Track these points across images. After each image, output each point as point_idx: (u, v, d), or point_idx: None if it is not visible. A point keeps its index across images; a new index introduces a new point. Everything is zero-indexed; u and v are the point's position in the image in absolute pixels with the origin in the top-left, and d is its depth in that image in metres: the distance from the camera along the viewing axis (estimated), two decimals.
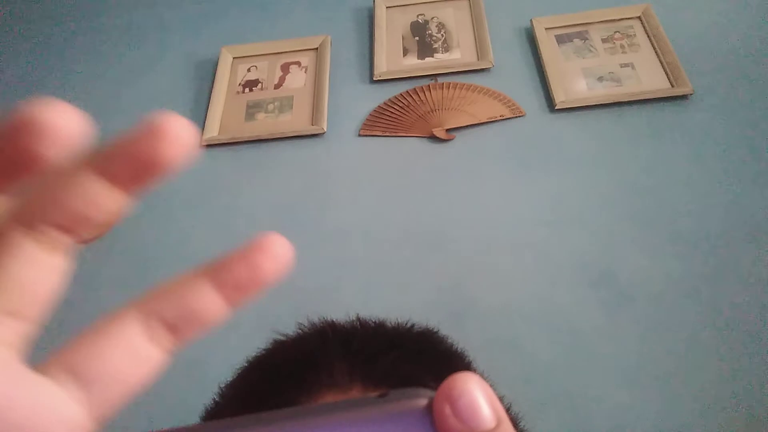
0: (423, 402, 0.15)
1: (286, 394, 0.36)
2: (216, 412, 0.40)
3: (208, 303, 0.16)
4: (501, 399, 0.42)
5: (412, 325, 0.43)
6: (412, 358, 0.38)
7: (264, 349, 0.42)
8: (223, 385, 0.41)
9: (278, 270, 0.17)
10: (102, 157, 0.15)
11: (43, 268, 0.15)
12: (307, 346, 0.40)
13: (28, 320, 0.15)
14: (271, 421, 0.16)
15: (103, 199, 0.15)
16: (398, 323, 0.42)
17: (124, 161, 0.15)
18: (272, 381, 0.38)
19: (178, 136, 0.15)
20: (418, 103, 1.29)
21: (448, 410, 0.14)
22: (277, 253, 0.17)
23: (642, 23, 1.34)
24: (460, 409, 0.14)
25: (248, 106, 1.36)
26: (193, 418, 0.42)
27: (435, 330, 0.44)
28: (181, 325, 0.16)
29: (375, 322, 0.42)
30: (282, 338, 0.42)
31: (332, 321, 0.42)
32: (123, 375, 0.15)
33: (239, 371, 0.41)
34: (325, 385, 0.36)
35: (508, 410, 0.40)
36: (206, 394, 0.43)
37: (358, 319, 0.42)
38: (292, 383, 0.36)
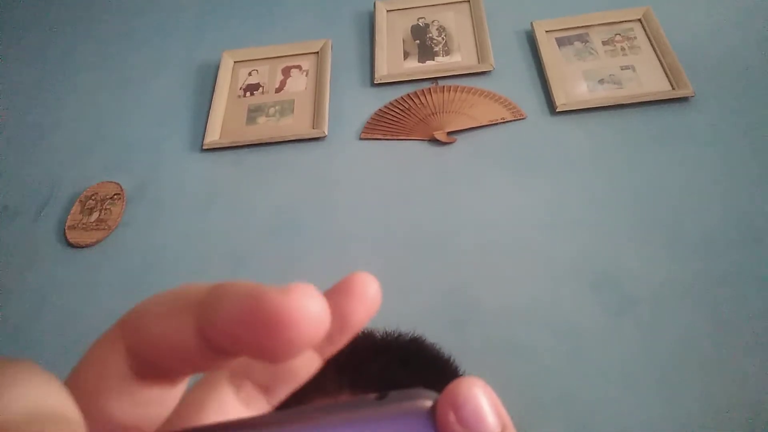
0: (422, 404, 0.15)
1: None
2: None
3: (300, 360, 0.15)
4: None
5: (400, 333, 0.43)
6: (398, 364, 0.39)
7: None
8: None
9: (369, 316, 0.15)
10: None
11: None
12: None
13: None
14: (266, 424, 0.15)
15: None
16: (386, 332, 0.43)
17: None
18: None
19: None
20: (419, 106, 1.29)
21: (452, 417, 0.14)
22: (368, 297, 0.15)
23: (642, 26, 1.34)
24: (465, 417, 0.14)
25: (249, 110, 1.36)
26: None
27: (422, 337, 0.44)
28: (274, 385, 0.16)
29: (363, 331, 0.42)
30: None
31: None
32: None
33: None
34: (315, 393, 0.36)
35: None
36: None
37: None
38: None
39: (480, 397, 0.14)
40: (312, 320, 0.12)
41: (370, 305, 0.15)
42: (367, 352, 0.39)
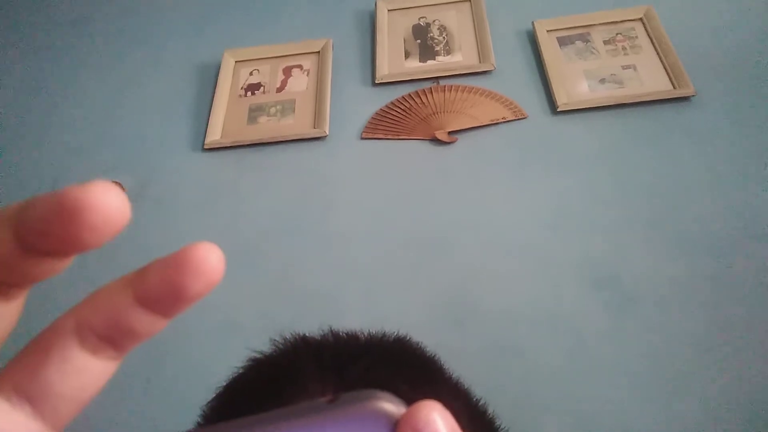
0: (376, 407, 0.15)
1: (264, 409, 0.36)
2: None
3: (136, 318, 0.16)
4: (478, 402, 0.43)
5: (384, 334, 0.43)
6: (382, 365, 0.39)
7: (240, 368, 0.42)
8: (205, 407, 0.42)
9: (205, 287, 0.15)
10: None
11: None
12: (280, 361, 0.41)
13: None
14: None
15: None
16: (370, 333, 0.43)
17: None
18: (250, 398, 0.39)
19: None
20: (420, 105, 1.29)
21: None
22: (203, 269, 0.15)
23: (644, 25, 1.34)
24: None
25: (250, 110, 1.36)
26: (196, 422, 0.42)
27: (406, 337, 0.44)
28: (115, 337, 0.16)
29: (347, 334, 0.43)
30: (257, 355, 0.42)
31: (304, 335, 0.43)
32: (67, 390, 0.15)
33: (218, 391, 0.42)
34: (300, 398, 0.36)
35: (485, 413, 0.42)
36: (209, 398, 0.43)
37: (331, 331, 0.43)
38: (269, 398, 0.37)
39: (438, 421, 0.15)
40: (109, 208, 0.14)
41: (204, 276, 0.15)
42: (351, 353, 0.40)
